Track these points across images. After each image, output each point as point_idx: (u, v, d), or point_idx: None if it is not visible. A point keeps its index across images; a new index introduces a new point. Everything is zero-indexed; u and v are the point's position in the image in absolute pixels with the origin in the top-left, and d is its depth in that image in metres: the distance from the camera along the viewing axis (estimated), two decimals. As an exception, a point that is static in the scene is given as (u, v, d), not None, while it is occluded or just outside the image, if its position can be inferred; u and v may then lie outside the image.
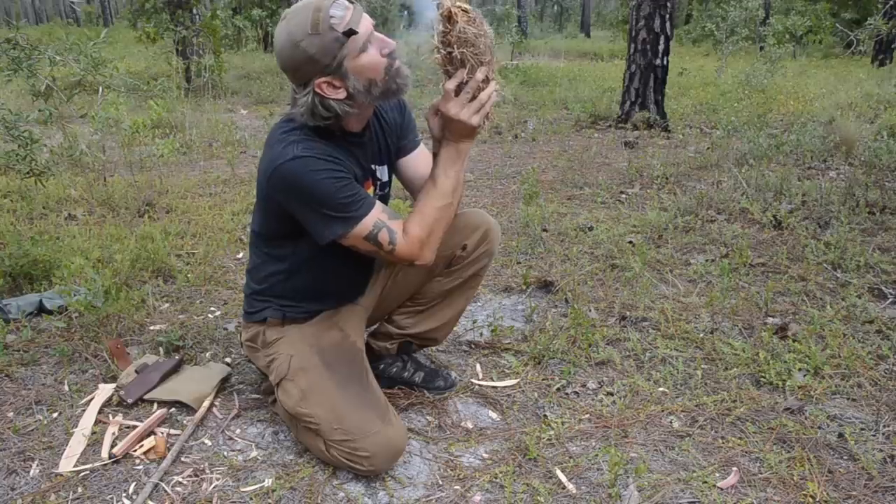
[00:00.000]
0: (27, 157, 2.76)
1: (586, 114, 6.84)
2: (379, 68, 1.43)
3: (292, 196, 1.47)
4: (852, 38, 5.94)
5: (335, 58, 1.38)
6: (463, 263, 1.80)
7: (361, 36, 1.39)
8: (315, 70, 1.40)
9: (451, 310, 1.89)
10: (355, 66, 1.41)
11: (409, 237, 1.49)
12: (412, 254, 1.50)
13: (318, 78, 1.40)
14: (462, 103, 1.37)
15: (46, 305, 2.37)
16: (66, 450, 1.66)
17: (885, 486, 1.55)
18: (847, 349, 2.13)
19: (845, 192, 3.69)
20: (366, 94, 1.44)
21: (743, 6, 10.57)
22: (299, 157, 1.42)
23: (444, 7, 1.27)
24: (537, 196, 3.67)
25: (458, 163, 1.48)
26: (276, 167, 1.44)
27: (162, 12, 8.61)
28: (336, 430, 1.54)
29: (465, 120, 1.38)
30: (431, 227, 1.50)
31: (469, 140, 1.46)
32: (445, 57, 1.31)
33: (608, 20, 26.74)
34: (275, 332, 1.69)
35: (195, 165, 4.84)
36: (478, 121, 1.40)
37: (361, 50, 1.40)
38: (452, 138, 1.45)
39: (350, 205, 1.45)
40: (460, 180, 1.52)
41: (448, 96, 1.38)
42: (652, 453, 1.69)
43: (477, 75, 1.34)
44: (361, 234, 1.47)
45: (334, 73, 1.40)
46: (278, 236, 1.64)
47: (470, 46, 1.29)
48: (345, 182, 1.45)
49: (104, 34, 3.61)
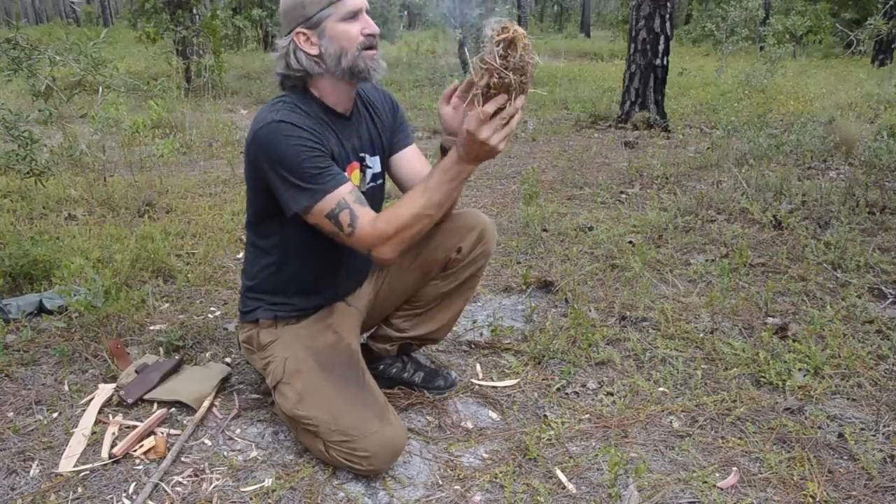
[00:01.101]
0: (27, 157, 2.76)
1: (586, 114, 6.84)
2: (353, 42, 1.49)
3: (265, 161, 1.47)
4: (852, 38, 5.94)
5: (319, 13, 1.48)
6: (459, 266, 1.79)
7: (349, 5, 1.48)
8: (299, 17, 1.49)
9: (449, 311, 1.88)
10: (333, 30, 1.48)
11: (374, 227, 1.45)
12: (370, 244, 1.47)
13: (299, 27, 1.49)
14: (495, 128, 1.31)
15: (46, 305, 2.37)
16: (66, 450, 1.66)
17: (885, 486, 1.55)
18: (847, 349, 2.13)
19: (845, 192, 3.69)
20: (335, 62, 1.50)
21: (743, 6, 10.57)
22: (276, 121, 1.46)
23: (510, 31, 1.22)
24: (537, 196, 3.67)
25: (458, 181, 1.43)
26: (255, 132, 1.48)
27: (162, 12, 8.61)
28: (334, 431, 1.54)
29: (493, 144, 1.33)
30: (401, 228, 1.45)
31: (481, 162, 1.42)
32: (497, 81, 1.25)
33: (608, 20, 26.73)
34: (268, 335, 1.69)
35: (195, 165, 4.84)
36: (504, 147, 1.36)
37: (344, 18, 1.48)
38: (468, 158, 1.38)
39: (316, 176, 1.45)
40: (452, 198, 1.47)
41: (482, 118, 1.30)
42: (652, 453, 1.69)
43: (516, 103, 1.29)
44: (323, 211, 1.46)
45: (313, 27, 1.49)
46: (266, 218, 1.62)
47: (521, 74, 1.25)
48: (316, 153, 1.46)
49: (104, 34, 3.61)
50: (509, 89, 1.27)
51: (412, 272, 1.80)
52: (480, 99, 1.29)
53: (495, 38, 1.23)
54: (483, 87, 1.28)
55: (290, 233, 1.61)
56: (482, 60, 1.25)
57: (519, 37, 1.23)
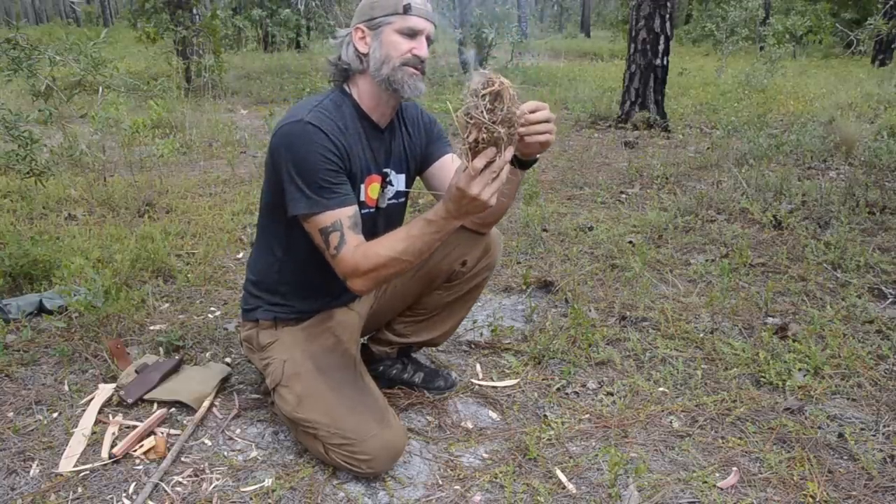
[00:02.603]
0: (27, 157, 2.76)
1: (586, 114, 6.84)
2: (400, 54, 1.49)
3: (283, 156, 1.47)
4: (852, 38, 5.94)
5: (382, 17, 1.50)
6: (463, 278, 1.78)
7: (412, 22, 1.49)
8: (365, 14, 1.53)
9: (451, 320, 1.88)
10: (387, 36, 1.50)
11: (352, 258, 1.44)
12: (345, 272, 1.46)
13: (362, 23, 1.53)
14: (485, 182, 1.25)
15: (46, 305, 2.37)
16: (66, 450, 1.66)
17: (885, 486, 1.55)
18: (847, 349, 2.13)
19: (845, 192, 3.69)
20: (376, 66, 1.51)
21: (743, 6, 10.57)
22: (306, 122, 1.46)
23: (495, 84, 1.17)
24: (537, 196, 3.68)
25: (442, 234, 1.37)
26: (283, 125, 1.48)
27: (162, 12, 8.61)
28: (334, 434, 1.54)
29: (484, 199, 1.26)
30: (376, 267, 1.42)
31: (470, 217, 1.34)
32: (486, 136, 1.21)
33: (608, 20, 26.74)
34: (268, 336, 1.69)
35: (195, 165, 4.84)
36: (494, 201, 1.28)
37: (402, 31, 1.50)
38: (456, 213, 1.32)
39: (324, 190, 1.45)
40: (432, 249, 1.42)
41: (472, 174, 1.24)
42: (652, 453, 1.69)
43: (506, 155, 1.24)
44: (318, 225, 1.46)
45: (373, 27, 1.52)
46: (277, 211, 1.59)
47: (509, 126, 1.21)
48: (332, 167, 1.46)
49: (104, 34, 3.62)
50: (498, 143, 1.22)
51: (416, 281, 1.79)
52: (469, 154, 1.24)
53: (481, 92, 1.17)
54: (471, 142, 1.22)
55: (295, 232, 1.60)
56: (468, 115, 1.19)
57: (505, 89, 1.18)
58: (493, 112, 1.19)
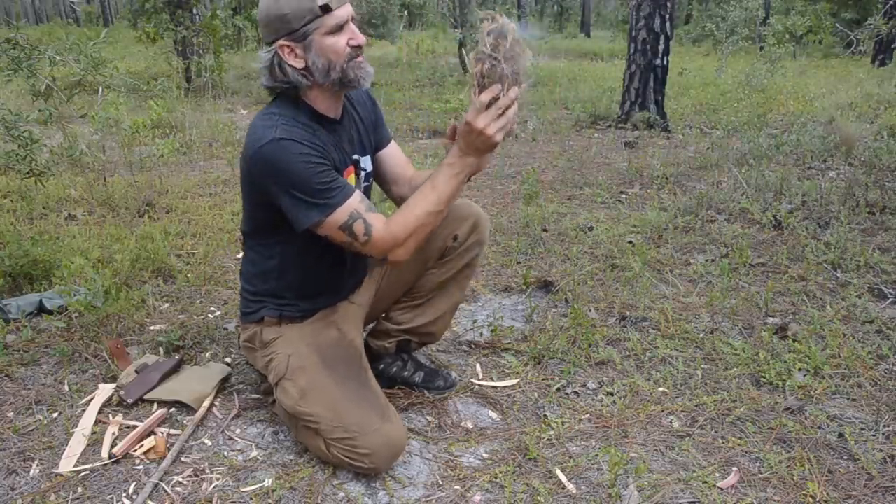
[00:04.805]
0: (27, 157, 2.76)
1: (586, 114, 6.84)
2: (341, 54, 1.48)
3: (271, 179, 1.47)
4: (852, 38, 5.93)
5: (304, 26, 1.45)
6: (455, 254, 1.81)
7: (335, 18, 1.46)
8: (282, 29, 1.46)
9: (446, 301, 1.89)
10: (320, 43, 1.47)
11: (388, 232, 1.48)
12: (386, 250, 1.50)
13: (283, 39, 1.47)
14: (491, 117, 1.36)
15: (46, 305, 2.37)
16: (66, 450, 1.66)
17: (885, 486, 1.55)
18: (847, 349, 2.13)
19: (845, 192, 3.69)
20: (324, 75, 1.49)
21: (743, 6, 10.58)
22: (278, 139, 1.45)
23: (500, 23, 1.31)
24: (537, 196, 3.68)
25: (463, 174, 1.47)
26: (257, 150, 1.46)
27: (162, 12, 8.60)
28: (336, 427, 1.54)
29: (490, 134, 1.37)
30: (415, 229, 1.49)
31: (483, 154, 1.45)
32: (489, 69, 1.32)
33: (608, 20, 26.75)
34: (272, 332, 1.70)
35: (195, 165, 4.84)
36: (501, 137, 1.39)
37: (330, 31, 1.46)
38: (468, 149, 1.43)
39: (325, 191, 1.46)
40: (458, 193, 1.51)
41: (479, 108, 1.36)
42: (652, 453, 1.69)
43: (510, 94, 1.35)
44: (336, 224, 1.47)
45: (298, 40, 1.46)
46: (266, 229, 1.64)
47: (512, 64, 1.32)
48: (322, 168, 1.47)
49: (104, 34, 3.62)
50: (502, 79, 1.33)
51: (412, 263, 1.79)
52: (476, 90, 1.35)
53: (485, 29, 1.30)
54: (478, 76, 1.34)
55: (289, 242, 1.61)
56: (476, 51, 1.33)
57: (509, 28, 1.31)
58: (497, 48, 1.31)
